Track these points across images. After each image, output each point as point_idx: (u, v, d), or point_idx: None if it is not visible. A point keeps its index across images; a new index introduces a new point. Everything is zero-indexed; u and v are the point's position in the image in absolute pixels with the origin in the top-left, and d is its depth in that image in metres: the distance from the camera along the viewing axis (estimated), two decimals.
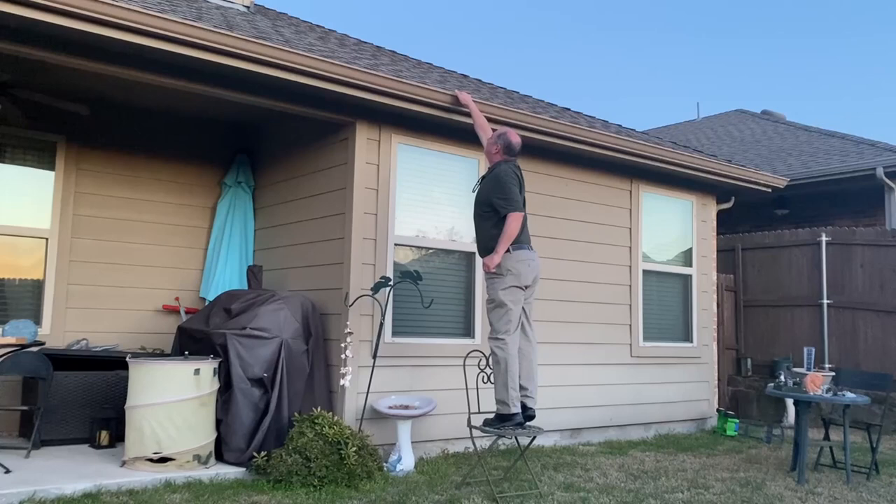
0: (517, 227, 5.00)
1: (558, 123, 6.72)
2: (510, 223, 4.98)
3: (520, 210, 5.04)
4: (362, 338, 5.77)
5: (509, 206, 5.02)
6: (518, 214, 5.01)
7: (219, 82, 5.27)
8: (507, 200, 5.04)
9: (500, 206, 5.06)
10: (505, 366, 5.00)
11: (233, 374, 5.27)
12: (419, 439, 5.88)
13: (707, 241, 8.65)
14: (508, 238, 4.99)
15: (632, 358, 7.68)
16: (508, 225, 4.99)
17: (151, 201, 6.97)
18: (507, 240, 4.98)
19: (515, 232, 5.00)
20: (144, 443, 4.96)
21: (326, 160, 6.29)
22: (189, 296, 7.07)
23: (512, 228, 4.98)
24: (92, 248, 6.63)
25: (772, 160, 12.23)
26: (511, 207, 5.02)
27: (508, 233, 4.98)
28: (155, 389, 5.01)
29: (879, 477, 5.96)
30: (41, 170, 6.49)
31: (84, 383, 5.77)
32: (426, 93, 5.83)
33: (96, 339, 6.45)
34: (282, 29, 6.74)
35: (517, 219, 5.00)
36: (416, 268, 6.05)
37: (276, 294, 5.80)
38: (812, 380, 5.90)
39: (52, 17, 4.33)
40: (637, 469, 5.95)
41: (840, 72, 61.47)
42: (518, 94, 8.49)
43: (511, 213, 5.00)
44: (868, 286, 9.17)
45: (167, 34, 4.67)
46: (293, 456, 4.87)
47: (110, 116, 6.73)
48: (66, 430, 5.67)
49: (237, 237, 7.14)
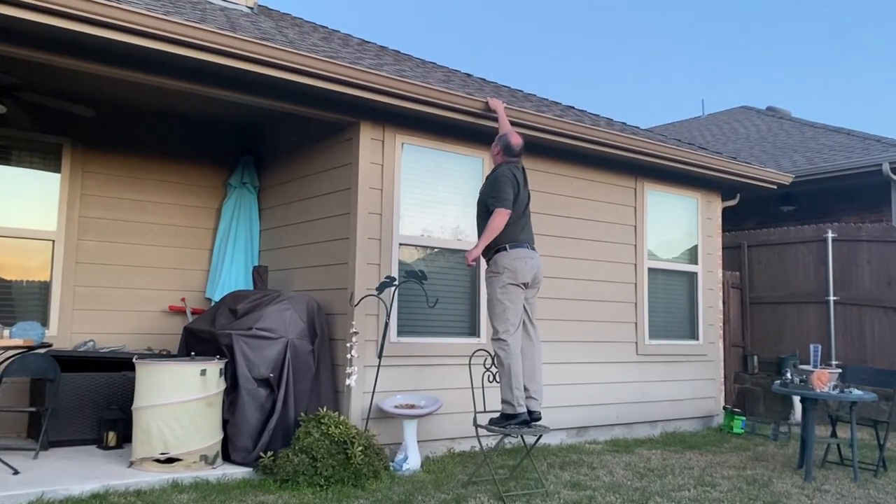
0: (501, 223, 5.03)
1: (562, 122, 6.72)
2: (494, 218, 5.03)
3: (506, 207, 5.05)
4: (368, 337, 5.78)
5: (496, 202, 5.06)
6: (503, 211, 5.03)
7: (223, 84, 5.28)
8: (495, 198, 5.09)
9: (489, 204, 5.11)
10: (508, 367, 5.01)
11: (239, 375, 5.28)
12: (425, 438, 5.88)
13: (712, 238, 8.63)
14: (491, 233, 5.03)
15: (637, 356, 7.67)
16: (492, 220, 5.03)
17: (157, 203, 7.00)
18: (489, 234, 5.04)
19: (498, 228, 5.03)
20: (152, 443, 4.98)
21: (331, 160, 6.30)
22: (195, 296, 7.09)
23: (495, 224, 5.02)
24: (98, 249, 6.65)
25: (777, 157, 12.19)
26: (497, 204, 5.05)
27: (491, 228, 5.03)
28: (162, 390, 5.03)
29: (887, 474, 5.94)
30: (47, 172, 6.51)
31: (91, 384, 5.79)
32: (430, 92, 5.83)
33: (103, 340, 6.47)
34: (285, 30, 6.76)
35: (501, 215, 5.03)
36: (421, 267, 6.06)
37: (281, 294, 5.81)
38: (819, 377, 5.89)
39: (56, 20, 4.35)
40: (643, 467, 5.94)
41: (845, 68, 61.27)
42: (522, 92, 8.48)
43: (496, 209, 5.04)
44: (875, 282, 9.14)
45: (171, 36, 4.68)
46: (299, 456, 4.88)
47: (115, 118, 6.75)
48: (73, 431, 5.70)
49: (242, 238, 7.15)
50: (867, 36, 62.71)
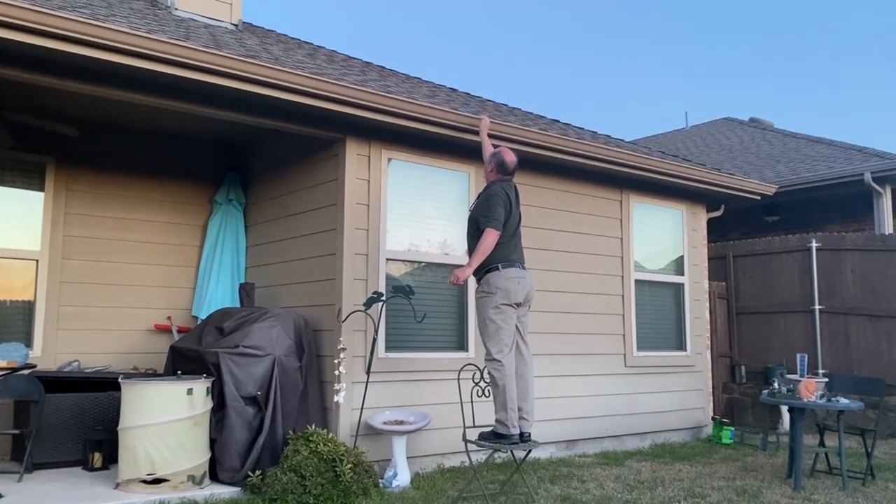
0: (491, 243, 5.00)
1: (547, 135, 6.75)
2: (485, 239, 5.00)
3: (497, 228, 5.01)
4: (356, 353, 5.76)
5: (487, 222, 5.03)
6: (494, 232, 5.00)
7: (208, 101, 5.27)
8: (486, 217, 5.05)
9: (481, 223, 5.08)
10: (503, 387, 4.98)
11: (226, 393, 5.24)
12: (415, 454, 5.86)
13: (698, 249, 8.68)
14: (482, 252, 5.00)
15: (626, 368, 7.68)
16: (483, 240, 5.00)
17: (142, 220, 6.96)
18: (481, 254, 5.00)
19: (489, 248, 5.00)
20: (138, 464, 4.93)
21: (317, 176, 6.29)
22: (181, 314, 7.04)
23: (486, 244, 4.99)
24: (83, 268, 6.60)
25: (761, 167, 12.31)
26: (488, 224, 5.02)
27: (482, 248, 5.00)
28: (148, 410, 4.98)
29: (875, 482, 5.97)
30: (31, 191, 6.46)
31: (76, 405, 5.73)
32: (415, 107, 5.85)
33: (88, 360, 6.41)
34: (270, 46, 6.76)
35: (492, 235, 5.00)
36: (409, 282, 6.05)
37: (268, 311, 5.78)
38: (806, 386, 5.92)
39: (40, 39, 4.34)
40: (633, 479, 5.94)
41: (825, 79, 62.05)
42: (507, 106, 8.53)
43: (487, 229, 5.01)
44: (859, 291, 9.22)
45: (155, 54, 4.67)
46: (288, 474, 4.84)
47: (99, 136, 6.72)
48: (58, 452, 5.63)
49: (229, 255, 7.12)
50: (845, 48, 63.61)
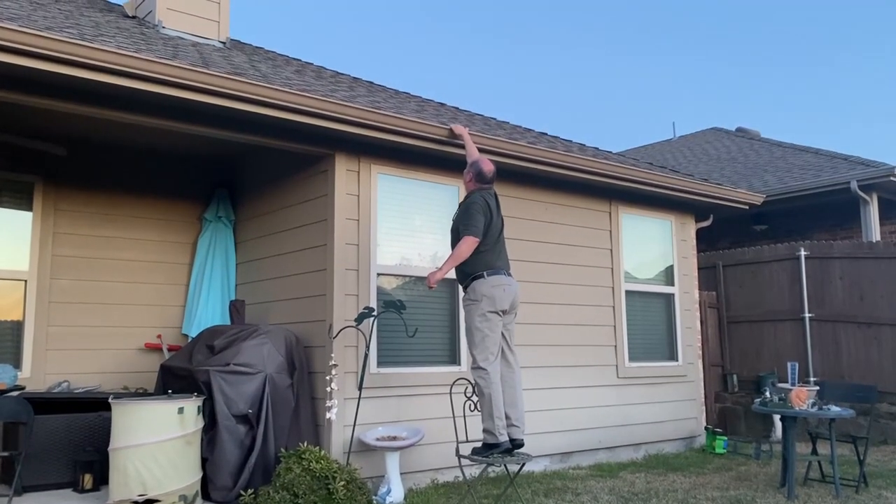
0: (468, 250, 5.06)
1: (535, 149, 6.79)
2: (461, 245, 5.07)
3: (475, 235, 5.08)
4: (347, 369, 5.74)
5: (466, 230, 5.10)
6: (471, 239, 5.07)
7: (196, 119, 5.28)
8: (466, 226, 5.12)
9: (460, 231, 5.15)
10: (489, 395, 5.00)
11: (217, 412, 5.21)
12: (408, 470, 5.83)
13: (688, 259, 8.72)
14: (454, 258, 5.07)
15: (619, 379, 7.69)
16: (459, 246, 5.08)
17: (131, 239, 6.94)
18: (454, 260, 5.07)
19: (464, 254, 5.06)
20: (129, 485, 4.88)
21: (306, 192, 6.30)
22: (171, 333, 7.01)
23: (461, 250, 5.05)
24: (72, 288, 6.57)
25: (748, 177, 12.39)
26: (466, 231, 5.09)
27: (456, 254, 5.08)
28: (138, 430, 4.93)
29: (868, 489, 5.98)
30: (18, 211, 6.44)
31: (66, 426, 5.67)
32: (403, 123, 5.87)
33: (78, 380, 6.36)
34: (258, 64, 6.78)
35: (468, 242, 5.06)
36: (400, 296, 6.05)
37: (258, 328, 5.77)
38: (797, 395, 5.94)
39: (26, 60, 4.34)
40: (628, 491, 5.93)
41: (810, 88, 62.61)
42: (495, 120, 8.57)
43: (465, 237, 5.07)
44: (848, 298, 9.27)
45: (143, 73, 4.68)
46: (280, 493, 4.81)
47: (87, 155, 6.70)
48: (48, 474, 5.56)
49: (219, 272, 7.10)
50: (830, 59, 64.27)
